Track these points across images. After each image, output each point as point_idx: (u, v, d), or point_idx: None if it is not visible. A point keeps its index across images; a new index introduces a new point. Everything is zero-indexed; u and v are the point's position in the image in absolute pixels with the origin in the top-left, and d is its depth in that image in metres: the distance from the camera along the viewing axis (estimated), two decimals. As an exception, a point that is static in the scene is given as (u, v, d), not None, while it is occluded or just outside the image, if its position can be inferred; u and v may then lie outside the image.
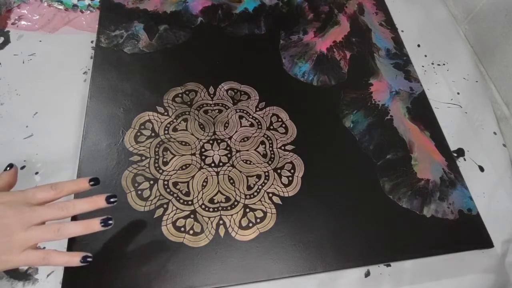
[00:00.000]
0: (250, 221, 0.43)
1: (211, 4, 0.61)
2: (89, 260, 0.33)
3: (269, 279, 0.40)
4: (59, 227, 0.32)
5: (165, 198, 0.43)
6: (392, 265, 0.44)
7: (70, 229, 0.33)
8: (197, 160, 0.46)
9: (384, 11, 0.65)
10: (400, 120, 0.53)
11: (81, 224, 0.33)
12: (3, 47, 0.53)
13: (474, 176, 0.51)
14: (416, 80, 0.57)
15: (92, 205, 0.34)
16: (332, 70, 0.57)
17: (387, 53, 0.60)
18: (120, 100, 0.49)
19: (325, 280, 0.42)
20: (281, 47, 0.58)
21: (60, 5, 0.57)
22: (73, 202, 0.33)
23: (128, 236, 0.40)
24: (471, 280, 0.44)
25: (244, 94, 0.52)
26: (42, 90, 0.50)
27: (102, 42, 0.54)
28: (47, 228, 0.32)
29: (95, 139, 0.46)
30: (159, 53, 0.55)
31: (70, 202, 0.33)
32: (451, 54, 0.63)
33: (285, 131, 0.50)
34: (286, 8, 0.63)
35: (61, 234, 0.32)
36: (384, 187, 0.47)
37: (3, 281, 0.38)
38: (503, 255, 0.46)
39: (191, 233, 0.41)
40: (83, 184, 0.35)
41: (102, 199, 0.34)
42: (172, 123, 0.49)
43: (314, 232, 0.43)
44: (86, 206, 0.34)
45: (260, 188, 0.45)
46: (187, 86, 0.52)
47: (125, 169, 0.44)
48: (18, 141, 0.46)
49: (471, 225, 0.46)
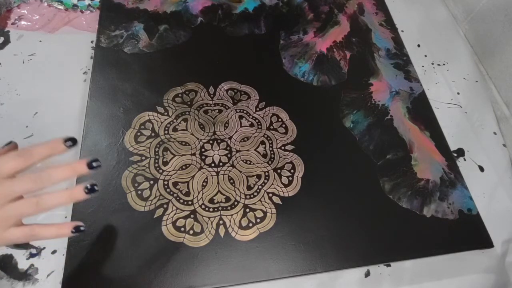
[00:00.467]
0: (250, 221, 0.43)
1: (211, 4, 0.61)
2: (82, 229, 0.31)
3: (269, 279, 0.40)
4: (37, 199, 0.29)
5: (165, 198, 0.43)
6: (392, 265, 0.44)
7: (51, 200, 0.30)
8: (197, 160, 0.46)
9: (384, 11, 0.65)
10: (400, 120, 0.53)
11: (62, 193, 0.30)
12: (3, 47, 0.53)
13: (474, 176, 0.51)
14: (416, 80, 0.57)
15: (71, 171, 0.30)
16: (332, 70, 0.57)
17: (387, 53, 0.60)
18: (120, 100, 0.49)
19: (325, 280, 0.42)
20: (281, 47, 0.58)
21: (60, 5, 0.57)
22: (47, 171, 0.29)
23: (128, 236, 0.40)
24: (471, 280, 0.44)
25: (244, 94, 0.52)
26: (42, 90, 0.50)
27: (102, 42, 0.54)
28: (25, 202, 0.29)
29: (95, 139, 0.46)
30: (159, 53, 0.55)
31: (45, 172, 0.29)
32: (451, 54, 0.63)
33: (285, 131, 0.50)
34: (286, 8, 0.63)
35: (41, 206, 0.29)
36: (384, 187, 0.47)
37: (3, 281, 0.38)
38: (503, 255, 0.46)
39: (191, 233, 0.41)
40: (56, 145, 0.30)
41: (82, 164, 0.30)
42: (172, 123, 0.49)
43: (314, 232, 0.43)
44: (64, 173, 0.30)
45: (260, 188, 0.45)
46: (187, 86, 0.52)
47: (125, 169, 0.44)
48: (18, 141, 0.45)
49: (471, 225, 0.46)
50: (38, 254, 0.40)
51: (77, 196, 0.30)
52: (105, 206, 0.42)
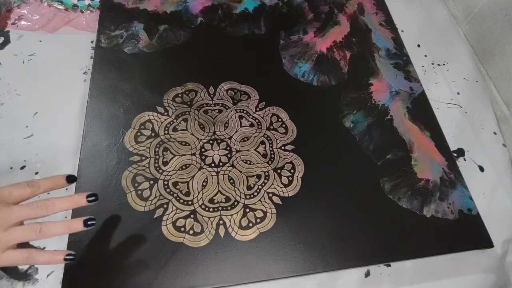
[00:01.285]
0: (250, 221, 0.43)
1: (211, 4, 0.61)
2: (72, 258, 0.33)
3: (269, 279, 0.40)
4: (40, 227, 0.32)
5: (165, 198, 0.43)
6: (392, 265, 0.44)
7: (52, 229, 0.33)
8: (197, 160, 0.46)
9: (384, 11, 0.65)
10: (400, 120, 0.53)
11: (63, 224, 0.33)
12: (3, 47, 0.53)
13: (474, 176, 0.51)
14: (416, 80, 0.57)
15: (72, 203, 0.34)
16: (332, 70, 0.57)
17: (387, 53, 0.60)
18: (120, 100, 0.49)
19: (325, 280, 0.42)
20: (281, 47, 0.58)
21: (60, 5, 0.57)
22: (52, 200, 0.33)
23: (128, 236, 0.40)
24: (471, 280, 0.44)
25: (244, 94, 0.52)
26: (42, 90, 0.50)
27: (102, 42, 0.54)
28: (29, 228, 0.32)
29: (95, 139, 0.46)
30: (159, 53, 0.55)
31: (49, 201, 0.33)
32: (451, 54, 0.63)
33: (285, 131, 0.50)
34: (286, 8, 0.63)
35: (43, 234, 0.32)
36: (384, 187, 0.47)
37: (3, 281, 0.38)
38: (503, 255, 0.46)
39: (191, 233, 0.41)
40: (59, 181, 0.34)
41: (82, 197, 0.34)
42: (172, 123, 0.49)
43: (314, 232, 0.43)
44: (66, 204, 0.33)
45: (260, 188, 0.45)
46: (187, 86, 0.52)
47: (125, 169, 0.44)
48: (18, 141, 0.46)
49: (471, 225, 0.46)
50: (38, 254, 0.40)
51: (75, 227, 0.34)
52: (105, 206, 0.42)
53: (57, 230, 0.33)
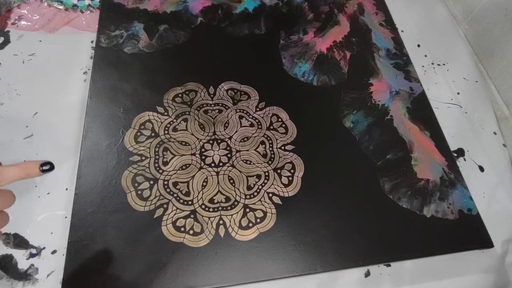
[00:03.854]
0: (250, 221, 0.43)
1: (211, 4, 0.61)
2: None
3: (269, 279, 0.40)
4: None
5: (165, 198, 0.43)
6: (392, 265, 0.44)
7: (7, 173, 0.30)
8: (197, 160, 0.46)
9: (384, 11, 0.65)
10: (400, 120, 0.53)
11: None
12: (3, 47, 0.53)
13: (474, 176, 0.51)
14: (416, 80, 0.57)
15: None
16: (332, 70, 0.57)
17: (387, 53, 0.60)
18: (120, 100, 0.49)
19: (325, 280, 0.42)
20: (281, 47, 0.58)
21: (60, 5, 0.57)
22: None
23: (128, 236, 0.40)
24: (471, 280, 0.44)
25: (244, 94, 0.52)
26: (42, 90, 0.50)
27: (102, 42, 0.54)
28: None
29: (95, 139, 0.46)
30: (159, 53, 0.55)
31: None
32: (451, 54, 0.63)
33: (285, 131, 0.50)
34: (286, 8, 0.63)
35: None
36: (384, 187, 0.47)
37: (3, 281, 0.38)
38: (503, 255, 0.46)
39: (191, 233, 0.41)
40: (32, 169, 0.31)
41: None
42: (172, 123, 0.49)
43: (314, 232, 0.43)
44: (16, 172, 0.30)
45: (260, 188, 0.45)
46: (187, 86, 0.52)
47: (125, 169, 0.44)
48: (18, 141, 0.46)
49: (471, 225, 0.46)
50: (38, 254, 0.40)
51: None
52: (105, 206, 0.42)
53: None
